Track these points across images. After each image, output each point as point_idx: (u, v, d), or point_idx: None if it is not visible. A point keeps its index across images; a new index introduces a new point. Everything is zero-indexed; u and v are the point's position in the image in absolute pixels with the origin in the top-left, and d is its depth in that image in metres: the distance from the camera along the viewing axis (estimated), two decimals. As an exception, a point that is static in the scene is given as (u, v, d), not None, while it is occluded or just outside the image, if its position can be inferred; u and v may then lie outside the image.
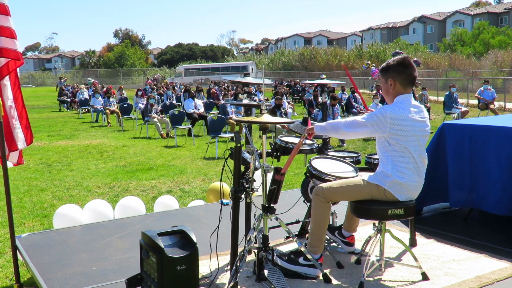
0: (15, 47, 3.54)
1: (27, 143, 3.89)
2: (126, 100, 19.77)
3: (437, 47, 50.07)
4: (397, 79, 3.18)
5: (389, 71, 3.22)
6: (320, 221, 3.27)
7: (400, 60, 3.21)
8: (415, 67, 3.23)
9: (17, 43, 3.55)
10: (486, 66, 34.69)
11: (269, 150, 3.81)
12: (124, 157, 10.44)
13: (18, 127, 3.81)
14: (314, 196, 3.26)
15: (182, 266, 2.90)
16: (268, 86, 28.73)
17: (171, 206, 5.40)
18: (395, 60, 3.22)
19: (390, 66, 3.22)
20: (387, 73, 3.23)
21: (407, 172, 3.10)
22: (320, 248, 3.30)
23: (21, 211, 6.19)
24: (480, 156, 4.22)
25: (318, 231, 3.27)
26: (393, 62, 3.22)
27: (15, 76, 3.79)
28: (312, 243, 3.29)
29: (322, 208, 3.24)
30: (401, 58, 3.22)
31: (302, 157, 8.82)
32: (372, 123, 3.09)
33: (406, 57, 3.24)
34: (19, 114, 3.83)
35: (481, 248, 3.78)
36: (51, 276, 3.42)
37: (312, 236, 3.30)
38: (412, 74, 3.19)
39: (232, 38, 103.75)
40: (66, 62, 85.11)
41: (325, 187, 3.24)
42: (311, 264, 3.25)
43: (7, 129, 3.76)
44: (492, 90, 16.03)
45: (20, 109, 3.83)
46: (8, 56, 3.52)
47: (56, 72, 66.75)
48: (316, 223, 3.27)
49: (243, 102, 3.72)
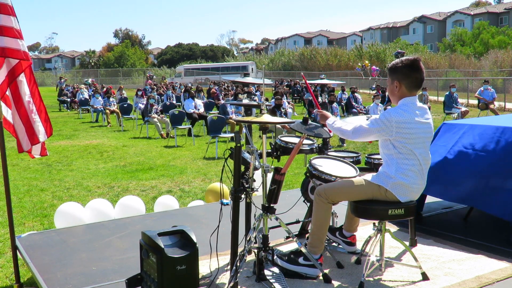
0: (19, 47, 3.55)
1: (47, 135, 4.02)
2: (126, 100, 19.76)
3: (437, 47, 50.09)
4: (403, 82, 3.12)
5: (396, 73, 3.15)
6: (321, 222, 3.26)
7: (409, 63, 3.12)
8: (423, 70, 3.15)
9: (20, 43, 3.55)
10: (486, 66, 34.70)
11: (269, 150, 3.81)
12: (124, 157, 10.44)
13: (38, 121, 3.92)
14: (316, 197, 3.26)
15: (182, 266, 2.90)
16: (268, 86, 28.74)
17: (171, 206, 5.40)
18: (403, 62, 3.13)
19: (398, 67, 3.14)
20: (394, 74, 3.17)
21: (411, 174, 3.09)
22: (320, 248, 3.30)
23: (21, 211, 6.19)
24: (480, 156, 4.21)
25: (319, 231, 3.27)
26: (401, 64, 3.13)
27: (30, 72, 3.89)
28: (313, 243, 3.29)
29: (324, 208, 3.24)
30: (410, 61, 3.12)
31: (302, 157, 8.81)
32: (378, 128, 3.07)
33: (416, 60, 3.13)
34: (38, 108, 3.94)
35: (481, 248, 3.78)
36: (51, 276, 3.42)
37: (312, 236, 3.30)
38: (419, 78, 3.13)
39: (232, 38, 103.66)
40: (66, 62, 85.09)
41: (326, 187, 3.24)
42: (311, 264, 3.25)
43: (27, 123, 3.88)
44: (492, 90, 16.04)
45: (38, 103, 3.95)
46: (13, 56, 3.54)
47: (56, 72, 66.66)
48: (317, 224, 3.27)
49: (243, 102, 3.72)
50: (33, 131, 3.90)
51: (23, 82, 3.82)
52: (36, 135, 3.92)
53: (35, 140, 3.93)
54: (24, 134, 3.89)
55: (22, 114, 3.85)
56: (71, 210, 4.90)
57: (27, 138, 3.89)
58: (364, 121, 3.17)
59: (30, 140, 3.91)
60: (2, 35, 3.48)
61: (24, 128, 3.88)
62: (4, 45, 3.49)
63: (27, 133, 3.88)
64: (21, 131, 3.90)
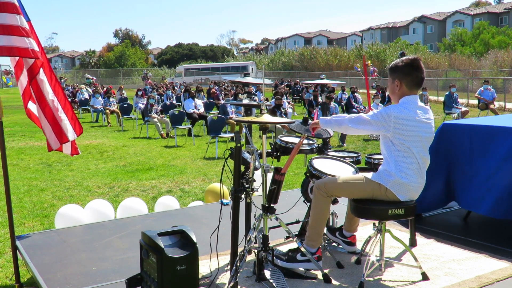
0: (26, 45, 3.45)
1: (76, 133, 3.94)
2: (126, 100, 19.75)
3: (437, 47, 50.09)
4: (403, 80, 3.17)
5: (397, 72, 3.20)
6: (319, 215, 3.29)
7: (409, 62, 3.17)
8: (423, 69, 3.19)
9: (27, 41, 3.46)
10: (486, 66, 34.70)
11: (269, 150, 3.81)
12: (124, 157, 10.44)
13: (65, 119, 3.85)
14: (315, 190, 3.27)
15: (182, 266, 2.91)
16: (268, 86, 28.73)
17: (171, 206, 5.40)
18: (403, 61, 3.19)
19: (398, 66, 3.20)
20: (394, 73, 3.22)
21: (410, 173, 3.10)
22: (318, 242, 3.32)
23: (21, 211, 6.19)
24: (480, 156, 4.21)
25: (317, 225, 3.30)
26: (402, 63, 3.19)
27: (50, 70, 3.83)
28: (310, 236, 3.31)
29: (323, 202, 3.26)
30: (411, 60, 3.18)
31: (302, 157, 8.80)
32: (377, 121, 3.09)
33: (416, 59, 3.19)
34: (63, 106, 3.86)
35: (481, 248, 3.78)
36: (51, 276, 3.42)
37: (310, 229, 3.32)
38: (420, 76, 3.17)
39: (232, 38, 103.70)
40: (66, 62, 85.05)
41: (326, 181, 3.25)
42: (308, 259, 3.27)
43: (54, 122, 3.80)
44: (492, 90, 16.03)
45: (63, 101, 3.87)
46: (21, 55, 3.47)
47: (56, 72, 66.53)
48: (315, 217, 3.29)
49: (243, 102, 3.72)
50: (61, 129, 3.82)
51: (44, 81, 3.75)
52: (64, 134, 3.85)
53: (64, 139, 3.86)
54: (51, 133, 3.82)
55: (47, 113, 3.77)
56: (71, 212, 4.88)
57: (55, 137, 3.81)
58: (365, 114, 3.19)
59: (58, 139, 3.83)
60: (9, 34, 3.40)
61: (50, 127, 3.81)
62: (12, 44, 3.42)
63: (55, 131, 3.81)
64: (48, 130, 3.82)
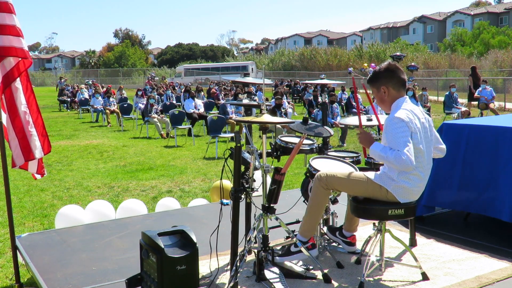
0: (21, 45, 3.40)
1: (44, 151, 3.61)
2: (126, 100, 19.75)
3: (437, 47, 50.06)
4: (389, 84, 3.17)
5: (379, 79, 3.20)
6: (316, 207, 3.30)
7: (386, 66, 3.21)
8: (402, 70, 3.22)
9: (23, 42, 3.43)
10: (486, 66, 34.67)
11: (269, 150, 3.81)
12: (124, 157, 10.44)
13: (35, 134, 3.53)
14: (316, 181, 3.28)
15: (182, 266, 2.91)
16: (268, 86, 28.73)
17: (172, 208, 5.39)
18: (381, 68, 3.22)
19: (379, 73, 3.21)
20: (377, 82, 3.21)
21: (413, 178, 3.08)
22: (311, 232, 3.34)
23: (21, 211, 6.19)
24: (480, 156, 4.21)
25: (312, 215, 3.32)
26: (380, 70, 3.21)
27: (26, 79, 3.56)
28: (304, 226, 3.34)
29: (321, 194, 3.27)
30: (386, 64, 3.22)
31: (302, 157, 8.79)
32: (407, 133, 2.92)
33: (390, 62, 3.25)
34: (35, 120, 3.55)
35: (481, 248, 3.79)
36: (51, 276, 3.42)
37: (305, 219, 3.35)
38: (401, 77, 3.18)
39: (232, 38, 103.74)
40: (66, 62, 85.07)
41: (328, 173, 3.25)
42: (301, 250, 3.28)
43: (22, 136, 3.49)
44: (490, 88, 16.01)
45: (35, 114, 3.55)
46: (17, 55, 3.38)
47: (56, 72, 66.65)
48: (311, 208, 3.31)
49: (243, 102, 3.72)
50: (29, 145, 3.49)
51: (19, 89, 3.47)
52: (31, 151, 3.51)
53: (31, 156, 3.52)
54: (18, 147, 3.48)
55: (17, 125, 3.46)
56: (71, 212, 4.87)
57: (21, 152, 3.48)
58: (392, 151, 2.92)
59: (24, 155, 3.49)
60: (4, 33, 3.34)
61: (17, 141, 3.48)
62: (5, 44, 3.36)
63: (21, 147, 3.48)
64: (14, 144, 3.49)
